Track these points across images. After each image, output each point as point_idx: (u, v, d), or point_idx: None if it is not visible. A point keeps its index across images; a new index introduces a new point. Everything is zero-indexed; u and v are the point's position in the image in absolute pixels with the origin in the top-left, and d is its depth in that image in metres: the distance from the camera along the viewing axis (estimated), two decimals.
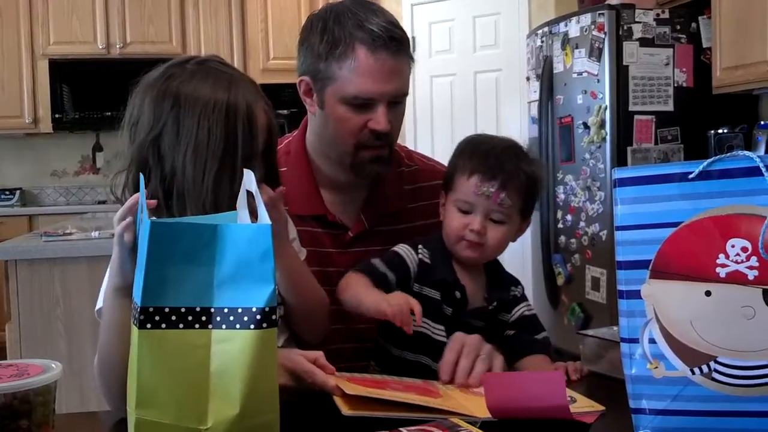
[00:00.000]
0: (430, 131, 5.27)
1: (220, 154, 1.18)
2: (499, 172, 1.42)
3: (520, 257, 4.70)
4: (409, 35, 1.51)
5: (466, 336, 1.36)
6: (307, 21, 1.52)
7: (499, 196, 1.42)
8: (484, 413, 1.11)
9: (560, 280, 4.05)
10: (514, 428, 1.07)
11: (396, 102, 1.48)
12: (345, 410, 1.07)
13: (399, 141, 1.63)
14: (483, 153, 1.45)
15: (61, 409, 1.07)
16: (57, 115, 5.49)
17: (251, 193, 1.01)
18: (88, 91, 5.48)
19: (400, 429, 1.03)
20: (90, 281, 2.66)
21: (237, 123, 1.19)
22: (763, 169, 0.96)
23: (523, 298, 1.54)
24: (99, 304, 1.24)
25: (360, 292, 1.38)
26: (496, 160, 1.43)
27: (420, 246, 1.47)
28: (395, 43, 1.44)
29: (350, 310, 1.41)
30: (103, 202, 5.53)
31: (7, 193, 5.64)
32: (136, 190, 1.14)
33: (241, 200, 1.04)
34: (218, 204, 1.18)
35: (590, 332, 1.41)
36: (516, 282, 1.54)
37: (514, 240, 1.49)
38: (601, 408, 1.14)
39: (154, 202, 1.13)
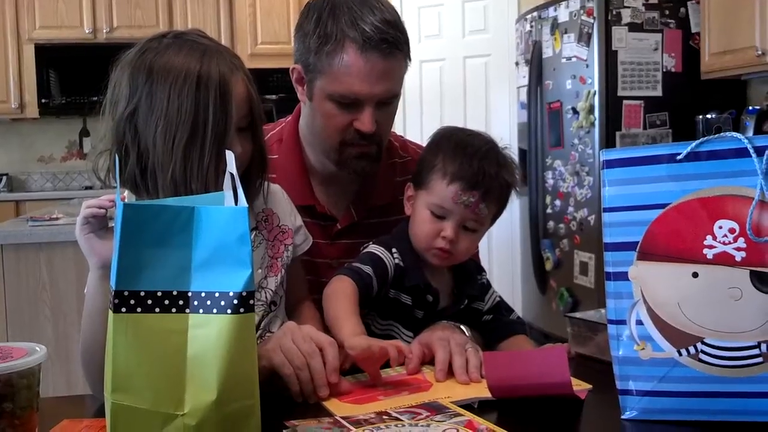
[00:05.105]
0: (419, 116, 5.25)
1: (189, 126, 1.16)
2: (481, 182, 1.36)
3: (508, 243, 4.72)
4: None
5: (445, 331, 1.31)
6: (305, 7, 1.48)
7: (479, 206, 1.37)
8: (477, 393, 1.11)
9: (549, 265, 4.07)
10: (509, 405, 1.07)
11: (386, 102, 1.45)
12: (337, 412, 1.06)
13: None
14: (466, 157, 1.37)
15: (47, 393, 1.06)
16: (43, 100, 5.45)
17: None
18: (75, 75, 5.43)
19: (389, 411, 1.04)
20: (76, 266, 2.66)
21: (209, 94, 1.17)
22: (751, 150, 0.96)
23: (489, 284, 1.53)
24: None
25: (339, 317, 1.29)
26: (479, 167, 1.36)
27: (394, 249, 1.41)
28: (387, 45, 1.39)
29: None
30: (90, 188, 5.51)
31: None
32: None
33: (227, 182, 1.02)
34: (188, 178, 1.16)
35: (578, 315, 1.42)
36: (480, 269, 1.53)
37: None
38: (588, 386, 1.14)
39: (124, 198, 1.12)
